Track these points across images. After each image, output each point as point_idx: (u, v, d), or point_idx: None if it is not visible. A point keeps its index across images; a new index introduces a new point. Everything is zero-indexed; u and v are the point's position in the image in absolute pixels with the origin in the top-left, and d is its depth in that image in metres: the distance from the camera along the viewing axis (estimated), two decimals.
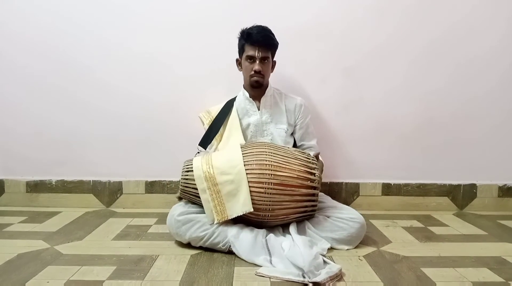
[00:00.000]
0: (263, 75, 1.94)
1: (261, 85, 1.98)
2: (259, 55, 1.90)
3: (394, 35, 2.30)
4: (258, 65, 1.92)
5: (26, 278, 1.40)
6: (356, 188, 2.39)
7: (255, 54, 1.90)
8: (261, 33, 1.89)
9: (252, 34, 1.89)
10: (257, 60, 1.91)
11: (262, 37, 1.89)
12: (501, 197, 2.41)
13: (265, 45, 1.91)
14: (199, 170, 1.68)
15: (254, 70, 1.93)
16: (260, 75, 1.94)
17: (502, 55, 2.33)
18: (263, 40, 1.90)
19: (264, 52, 1.91)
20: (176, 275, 1.44)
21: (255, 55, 1.90)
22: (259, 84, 1.97)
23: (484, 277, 1.46)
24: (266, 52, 1.92)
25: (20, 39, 2.28)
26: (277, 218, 1.69)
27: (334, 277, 1.40)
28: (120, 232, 1.94)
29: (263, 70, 1.93)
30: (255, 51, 1.90)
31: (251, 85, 1.99)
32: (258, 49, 1.90)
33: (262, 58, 1.91)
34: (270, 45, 1.93)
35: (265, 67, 1.94)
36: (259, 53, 1.90)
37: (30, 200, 2.37)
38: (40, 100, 2.32)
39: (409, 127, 2.36)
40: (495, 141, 2.39)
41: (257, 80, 1.95)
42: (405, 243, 1.83)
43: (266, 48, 1.92)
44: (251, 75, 1.95)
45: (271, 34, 1.93)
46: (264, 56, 1.91)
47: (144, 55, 2.29)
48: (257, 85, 1.98)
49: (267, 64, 1.95)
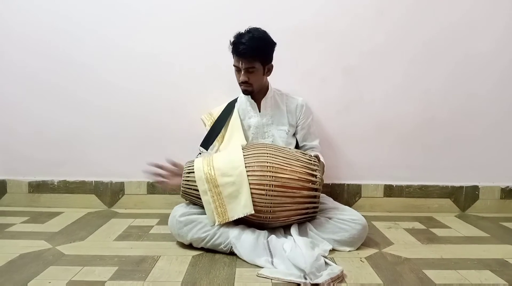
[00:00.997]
0: (250, 84, 1.92)
1: (251, 92, 1.97)
2: (243, 66, 1.86)
3: (394, 34, 2.29)
4: (243, 75, 1.89)
5: (28, 278, 1.40)
6: (358, 190, 2.38)
7: (239, 65, 1.87)
8: (246, 44, 1.81)
9: (236, 45, 1.84)
10: (242, 71, 1.89)
11: (244, 49, 1.81)
12: (503, 199, 2.40)
13: (248, 57, 1.84)
14: (200, 172, 1.68)
15: (240, 80, 1.92)
16: (247, 84, 1.91)
17: (502, 54, 2.31)
18: (246, 53, 1.82)
19: (247, 63, 1.86)
20: (177, 276, 1.45)
21: (239, 65, 1.87)
22: (248, 92, 1.96)
23: (486, 279, 1.45)
24: (251, 63, 1.86)
25: (21, 39, 2.28)
26: (278, 220, 1.68)
27: (336, 279, 1.39)
28: (122, 233, 1.94)
29: (249, 79, 1.90)
30: (239, 62, 1.87)
31: (242, 92, 1.99)
32: (241, 61, 1.86)
33: (246, 69, 1.88)
34: (254, 56, 1.85)
35: (252, 76, 1.90)
36: (243, 64, 1.86)
37: (32, 201, 2.37)
38: (42, 100, 2.33)
39: (411, 128, 2.36)
40: (497, 143, 2.38)
41: (245, 89, 1.94)
42: (407, 244, 1.83)
43: (251, 58, 1.85)
44: (239, 83, 1.94)
45: (259, 42, 1.84)
46: (248, 67, 1.86)
47: (145, 54, 2.29)
48: (247, 93, 1.97)
49: (254, 73, 1.89)
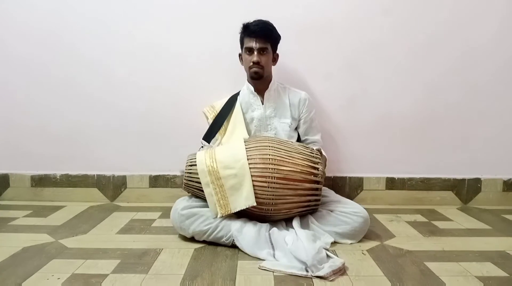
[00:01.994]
0: (262, 67, 1.92)
1: (261, 76, 1.96)
2: (257, 46, 1.89)
3: (397, 29, 2.28)
4: (257, 56, 1.90)
5: (31, 271, 1.41)
6: (360, 183, 2.38)
7: (253, 45, 1.90)
8: (259, 25, 1.89)
9: (250, 25, 1.90)
10: (255, 51, 1.90)
11: (259, 27, 1.88)
12: (505, 192, 2.40)
13: (262, 35, 1.90)
14: (203, 164, 1.69)
15: (252, 61, 1.92)
16: (259, 66, 1.92)
17: (507, 50, 2.30)
18: (260, 31, 1.88)
19: (261, 43, 1.90)
20: (179, 268, 1.45)
21: (253, 46, 1.90)
22: (259, 76, 1.95)
23: (488, 272, 1.45)
24: (264, 43, 1.90)
25: (25, 33, 2.28)
26: (280, 212, 1.69)
27: (337, 271, 1.40)
28: (124, 226, 1.95)
29: (262, 61, 1.91)
30: (252, 42, 1.89)
31: (251, 77, 1.97)
32: (255, 40, 1.89)
33: (260, 49, 1.90)
34: (267, 36, 1.91)
35: (264, 58, 1.92)
36: (257, 43, 1.89)
37: (34, 194, 2.38)
38: (45, 94, 2.33)
39: (413, 121, 2.35)
40: (500, 135, 2.37)
41: (256, 71, 1.93)
42: (408, 237, 1.83)
43: (264, 39, 1.90)
44: (250, 66, 1.94)
45: (270, 26, 1.92)
46: (262, 47, 1.90)
47: (149, 49, 2.28)
48: (257, 77, 1.96)
49: (266, 55, 1.93)
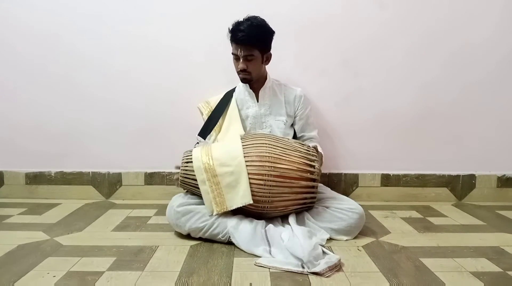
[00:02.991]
0: (249, 72, 1.90)
1: (250, 81, 1.95)
2: (241, 54, 1.85)
3: (393, 26, 2.28)
4: (242, 63, 1.87)
5: (26, 269, 1.40)
6: (355, 179, 2.39)
7: (238, 52, 1.85)
8: (244, 31, 1.80)
9: (234, 32, 1.82)
10: (241, 59, 1.87)
11: (243, 36, 1.80)
12: (500, 188, 2.41)
13: (247, 43, 1.83)
14: (199, 161, 1.68)
15: (239, 68, 1.90)
16: (246, 72, 1.90)
17: (502, 46, 2.30)
18: (244, 40, 1.81)
19: (246, 51, 1.84)
20: (175, 265, 1.45)
21: (238, 53, 1.86)
22: (247, 81, 1.95)
23: (482, 267, 1.46)
24: (250, 50, 1.84)
25: (22, 30, 2.26)
26: (276, 209, 1.69)
27: (333, 267, 1.40)
28: (119, 224, 1.94)
29: (248, 67, 1.88)
30: (237, 50, 1.85)
31: (240, 80, 1.97)
32: (240, 48, 1.84)
33: (245, 56, 1.86)
34: (253, 43, 1.84)
35: (251, 64, 1.89)
36: (241, 51, 1.84)
37: (29, 192, 2.37)
38: (39, 91, 2.31)
39: (408, 118, 2.35)
40: (494, 132, 2.38)
41: (243, 77, 1.93)
42: (404, 233, 1.84)
43: (250, 46, 1.84)
44: (238, 72, 1.92)
45: (258, 30, 1.83)
46: (247, 54, 1.85)
47: (145, 46, 2.27)
48: (245, 82, 1.96)
49: (253, 61, 1.88)
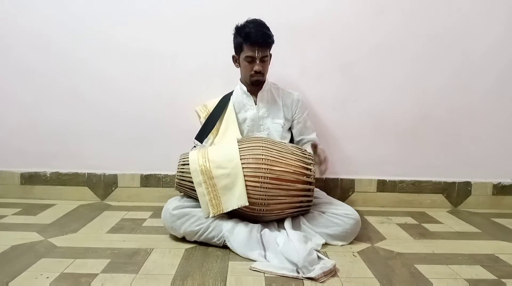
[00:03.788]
0: (263, 74, 1.93)
1: (262, 83, 1.97)
2: (259, 55, 1.86)
3: (391, 32, 2.29)
4: (258, 65, 1.88)
5: (20, 270, 1.39)
6: (352, 184, 2.39)
7: (255, 55, 1.86)
8: (259, 32, 1.83)
9: (251, 34, 1.82)
10: (257, 60, 1.88)
11: (261, 37, 1.83)
12: (495, 195, 2.42)
13: (264, 45, 1.86)
14: (195, 164, 1.68)
15: (254, 70, 1.90)
16: (261, 74, 1.92)
17: (499, 54, 2.32)
18: (263, 41, 1.84)
19: (263, 51, 1.87)
20: (170, 269, 1.44)
21: (255, 55, 1.86)
22: (260, 83, 1.97)
23: (477, 275, 1.46)
24: (265, 51, 1.88)
25: (16, 31, 2.26)
26: (272, 212, 1.69)
27: (328, 273, 1.40)
28: (114, 225, 1.93)
29: (263, 69, 1.91)
30: (254, 52, 1.85)
31: (251, 83, 1.97)
32: (258, 49, 1.84)
33: (262, 58, 1.88)
34: (269, 44, 1.89)
35: (265, 65, 1.92)
36: (259, 53, 1.85)
37: (24, 192, 2.36)
38: (36, 92, 2.31)
39: (405, 124, 2.36)
40: (490, 139, 2.39)
41: (258, 79, 1.94)
42: (399, 239, 1.84)
43: (266, 47, 1.88)
44: (252, 75, 1.92)
45: (268, 31, 1.87)
46: (264, 55, 1.88)
47: (140, 49, 2.27)
48: (258, 84, 1.97)
49: (266, 62, 1.93)
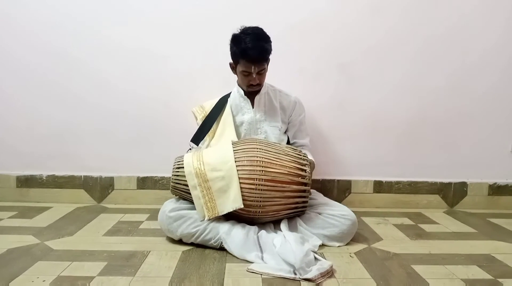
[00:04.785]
0: (260, 84, 1.91)
1: (258, 91, 1.96)
2: (255, 71, 1.82)
3: (389, 32, 2.30)
4: (255, 79, 1.85)
5: (16, 273, 1.39)
6: (348, 185, 2.39)
7: (251, 70, 1.81)
8: (256, 49, 1.76)
9: (247, 51, 1.76)
10: (254, 75, 1.84)
11: (258, 54, 1.77)
12: (491, 196, 2.43)
13: (261, 60, 1.81)
14: (190, 167, 1.68)
15: (251, 83, 1.87)
16: (258, 85, 1.91)
17: (497, 55, 2.33)
18: (261, 58, 1.79)
19: (260, 66, 1.82)
20: (167, 271, 1.44)
21: (252, 71, 1.81)
22: (257, 92, 1.96)
23: (473, 275, 1.47)
24: (262, 65, 1.82)
25: (15, 33, 2.25)
26: (268, 214, 1.69)
27: (325, 274, 1.40)
28: (111, 228, 1.93)
29: (260, 81, 1.88)
30: (251, 68, 1.81)
31: (248, 92, 1.97)
32: (254, 66, 1.80)
33: (258, 72, 1.84)
34: (266, 58, 1.84)
35: (262, 77, 1.88)
36: (255, 68, 1.81)
37: (20, 195, 2.35)
38: (32, 94, 2.30)
39: (402, 125, 2.37)
40: (486, 140, 2.40)
41: (255, 91, 1.94)
42: (396, 240, 1.84)
43: (263, 62, 1.82)
44: (248, 86, 1.90)
45: (266, 43, 1.81)
46: (260, 69, 1.83)
47: (137, 50, 2.27)
48: (254, 92, 1.96)
49: (263, 74, 1.89)
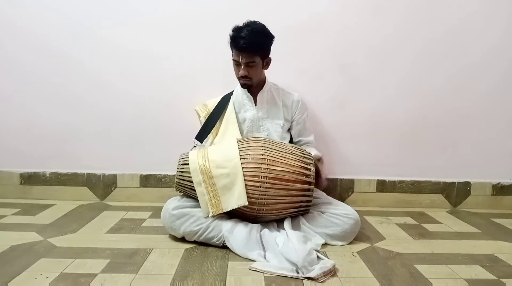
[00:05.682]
0: (250, 78, 1.91)
1: (250, 86, 1.96)
2: (243, 61, 1.85)
3: (391, 34, 2.29)
4: (243, 70, 1.87)
5: (19, 270, 1.39)
6: (351, 185, 2.39)
7: (239, 60, 1.85)
8: (246, 39, 1.79)
9: (236, 39, 1.81)
10: (242, 65, 1.87)
11: (245, 44, 1.79)
12: (494, 195, 2.42)
13: (249, 51, 1.83)
14: (195, 163, 1.68)
15: (240, 75, 1.90)
16: (247, 78, 1.90)
17: (498, 56, 2.33)
18: (247, 47, 1.80)
19: (248, 57, 1.84)
20: (170, 269, 1.44)
21: (239, 60, 1.85)
22: (247, 86, 1.96)
23: (476, 274, 1.47)
24: (251, 57, 1.84)
25: (14, 33, 2.25)
26: (271, 212, 1.69)
27: (328, 273, 1.40)
28: (114, 226, 1.93)
29: (249, 74, 1.88)
30: (238, 57, 1.84)
31: (240, 86, 1.98)
32: (241, 55, 1.83)
33: (247, 63, 1.86)
34: (255, 51, 1.84)
35: (252, 70, 1.89)
36: (243, 58, 1.84)
37: (23, 192, 2.35)
38: (35, 93, 2.30)
39: (405, 125, 2.36)
40: (489, 140, 2.40)
41: (244, 83, 1.94)
42: (398, 239, 1.84)
43: (251, 53, 1.84)
44: (238, 77, 1.93)
45: (259, 37, 1.84)
46: (249, 61, 1.85)
47: (138, 49, 2.27)
48: (245, 87, 1.97)
49: (254, 67, 1.88)
